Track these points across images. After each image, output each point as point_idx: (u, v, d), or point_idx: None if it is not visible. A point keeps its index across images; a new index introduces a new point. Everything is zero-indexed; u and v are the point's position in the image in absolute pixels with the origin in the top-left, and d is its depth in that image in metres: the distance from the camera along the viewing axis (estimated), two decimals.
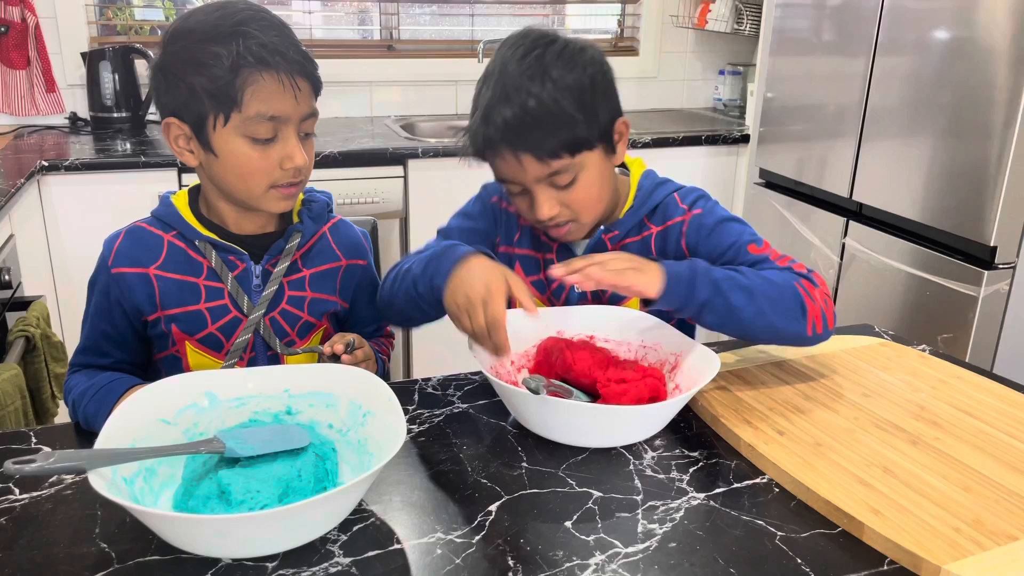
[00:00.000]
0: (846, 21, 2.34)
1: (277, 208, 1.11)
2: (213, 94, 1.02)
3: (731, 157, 2.95)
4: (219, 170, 1.07)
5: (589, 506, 0.86)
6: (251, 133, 1.04)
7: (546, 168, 1.05)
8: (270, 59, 1.02)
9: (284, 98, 1.04)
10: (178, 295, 1.11)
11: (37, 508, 0.83)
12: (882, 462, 0.92)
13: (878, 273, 2.28)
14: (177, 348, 1.13)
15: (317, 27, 3.07)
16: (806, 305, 1.07)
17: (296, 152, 1.06)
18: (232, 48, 1.00)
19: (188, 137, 1.07)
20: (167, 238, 1.12)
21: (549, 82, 1.02)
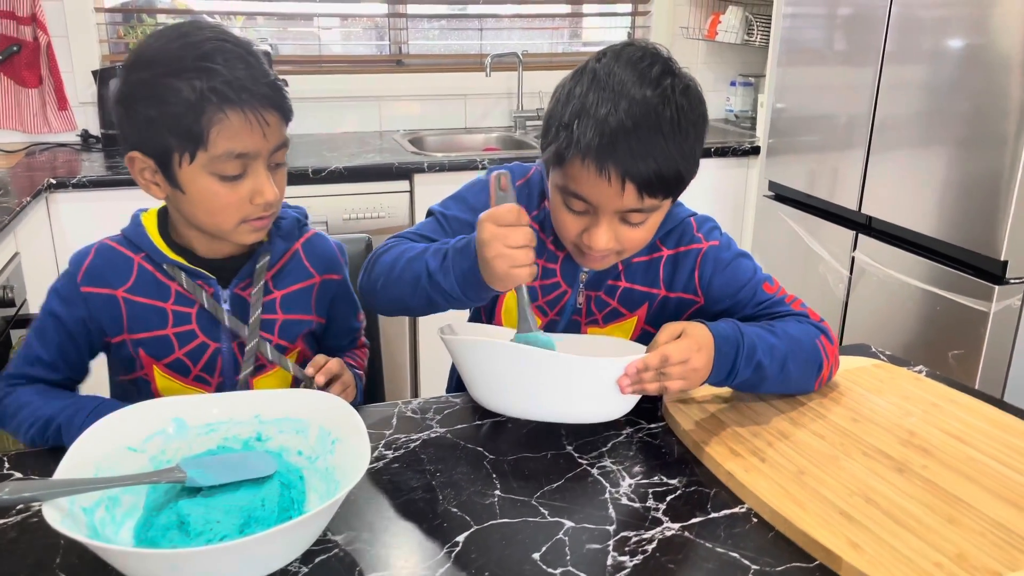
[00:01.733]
0: (854, 30, 2.30)
1: (248, 240, 1.08)
2: (177, 132, 0.98)
3: (741, 169, 2.91)
4: (187, 206, 1.04)
5: (559, 537, 0.84)
6: (219, 171, 1.01)
7: (638, 203, 0.99)
8: (236, 97, 0.98)
9: (252, 135, 1.00)
10: (145, 319, 1.09)
11: (2, 536, 0.83)
12: (865, 491, 0.89)
13: (887, 288, 2.24)
14: (145, 372, 1.12)
15: (327, 42, 3.08)
16: (823, 365, 1.10)
17: (266, 187, 1.03)
18: (196, 85, 0.96)
19: (153, 171, 1.03)
20: (136, 260, 1.10)
21: (678, 128, 0.96)
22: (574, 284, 1.15)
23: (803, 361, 1.07)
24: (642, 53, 0.99)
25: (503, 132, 3.12)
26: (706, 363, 1.00)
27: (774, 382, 1.06)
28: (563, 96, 1.01)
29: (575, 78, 1.01)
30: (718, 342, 1.01)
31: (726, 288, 1.13)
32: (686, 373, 0.98)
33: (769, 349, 1.04)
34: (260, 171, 1.03)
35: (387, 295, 1.08)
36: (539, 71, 3.17)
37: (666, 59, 1.00)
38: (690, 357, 0.98)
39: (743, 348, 1.02)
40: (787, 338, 1.07)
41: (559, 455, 0.99)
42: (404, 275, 1.05)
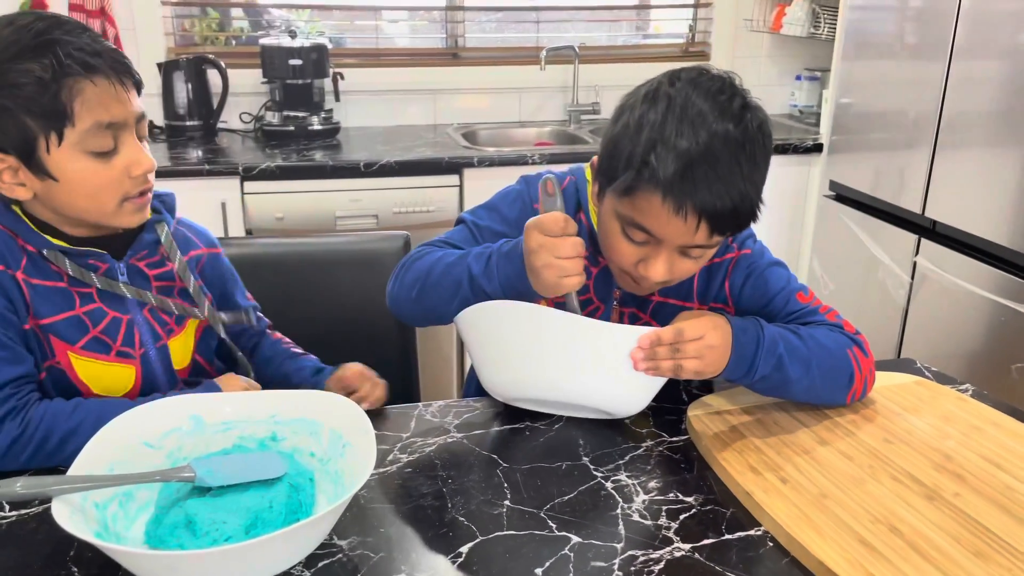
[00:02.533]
0: (922, 23, 2.20)
1: (133, 222, 1.04)
2: (39, 114, 0.93)
3: (802, 167, 2.83)
4: (63, 195, 0.98)
5: (565, 552, 0.82)
6: (91, 147, 0.96)
7: (707, 240, 0.96)
8: (93, 62, 0.94)
9: (116, 102, 0.96)
10: (51, 302, 1.02)
11: (22, 527, 0.85)
12: (890, 519, 0.85)
13: (950, 296, 2.14)
14: (58, 360, 1.04)
15: (385, 36, 3.10)
16: (854, 377, 1.06)
17: (141, 156, 1.00)
18: (47, 60, 0.92)
19: (14, 169, 0.96)
20: (19, 242, 1.01)
21: (755, 166, 0.94)
22: (607, 300, 1.13)
23: (829, 368, 1.03)
24: (720, 84, 0.95)
25: (557, 126, 3.09)
26: (723, 342, 0.97)
27: (799, 386, 1.02)
28: (634, 122, 0.95)
29: (647, 102, 0.95)
30: (736, 332, 0.98)
31: (757, 297, 1.10)
32: (701, 350, 0.95)
33: (792, 349, 1.01)
34: (132, 141, 1.00)
35: (422, 302, 1.06)
36: (595, 64, 3.13)
37: (742, 91, 0.97)
38: (705, 334, 0.96)
39: (763, 341, 0.99)
40: (813, 342, 1.03)
41: (574, 466, 0.97)
42: (443, 280, 1.02)
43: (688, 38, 3.30)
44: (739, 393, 1.11)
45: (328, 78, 2.80)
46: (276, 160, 2.44)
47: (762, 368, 0.99)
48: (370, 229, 2.47)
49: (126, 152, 0.99)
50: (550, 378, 0.99)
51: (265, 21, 3.05)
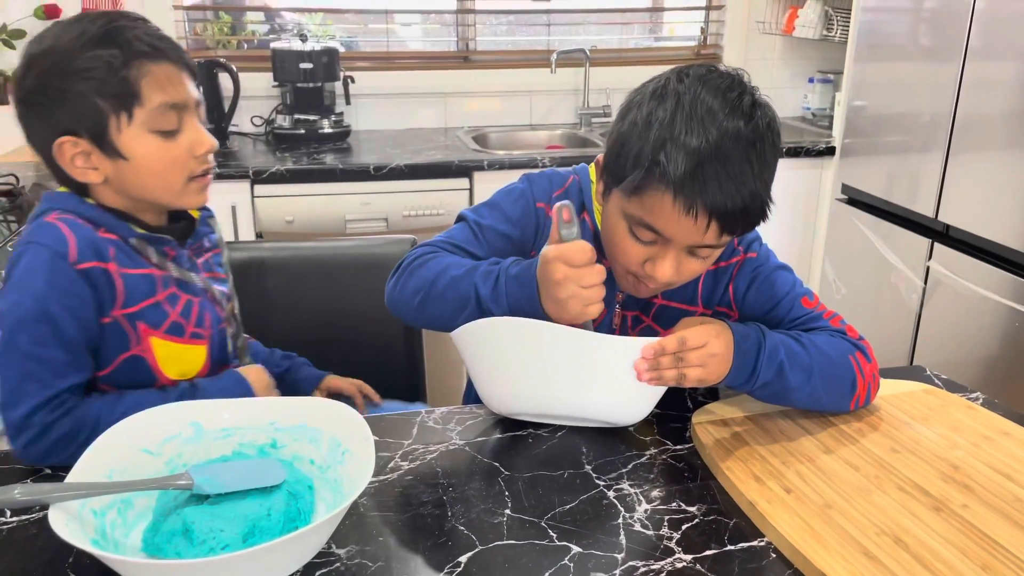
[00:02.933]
0: (936, 25, 2.18)
1: (197, 201, 1.10)
2: (110, 94, 0.99)
3: (815, 171, 2.81)
4: (133, 175, 1.03)
5: (564, 563, 0.82)
6: (158, 126, 1.02)
7: (716, 240, 0.95)
8: (159, 45, 1.01)
9: (179, 84, 1.03)
10: (138, 290, 1.05)
11: (23, 533, 0.85)
12: (895, 531, 0.84)
13: (964, 301, 2.12)
14: (141, 347, 1.07)
15: (396, 39, 3.10)
16: (856, 383, 1.04)
17: (204, 136, 1.06)
18: (115, 46, 0.98)
19: (87, 153, 1.02)
20: (101, 234, 1.04)
21: (766, 164, 0.93)
22: (610, 303, 1.12)
23: (831, 375, 1.02)
24: (730, 82, 0.94)
25: (568, 129, 3.08)
26: (725, 350, 0.96)
27: (801, 393, 1.01)
28: (641, 119, 0.94)
29: (655, 99, 0.94)
30: (738, 339, 0.97)
31: (761, 302, 1.09)
32: (704, 358, 0.94)
33: (793, 356, 1.00)
34: (194, 123, 1.06)
35: (426, 312, 1.05)
36: (606, 67, 3.12)
37: (751, 88, 0.96)
38: (708, 341, 0.95)
39: (765, 347, 0.98)
40: (814, 349, 1.02)
41: (576, 475, 0.96)
42: (448, 294, 1.01)
43: (700, 40, 3.29)
44: (744, 401, 1.09)
45: (339, 81, 2.80)
46: (287, 163, 2.44)
47: (764, 375, 0.98)
48: (380, 232, 2.47)
49: (189, 132, 1.05)
50: (552, 393, 0.98)
51: (277, 24, 3.06)
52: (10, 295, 0.99)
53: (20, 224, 1.82)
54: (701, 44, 3.29)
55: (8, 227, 1.82)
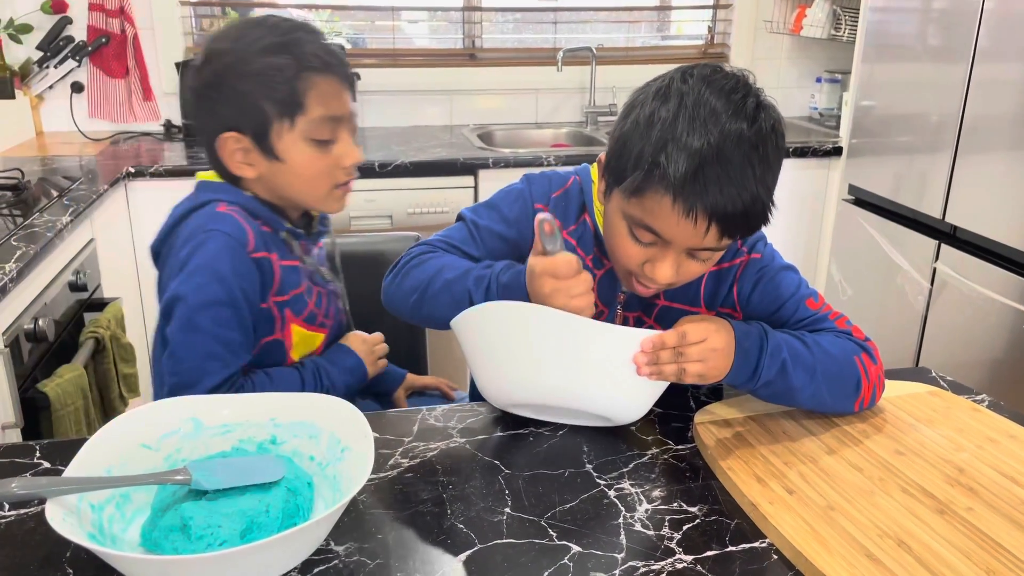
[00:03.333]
0: (944, 25, 2.17)
1: (337, 208, 1.17)
2: (278, 100, 1.07)
3: (821, 171, 2.79)
4: (284, 176, 1.11)
5: (564, 562, 0.81)
6: (314, 135, 1.09)
7: (716, 243, 0.94)
8: (325, 64, 1.08)
9: (341, 99, 1.11)
10: (289, 280, 1.15)
11: (20, 527, 0.85)
12: (899, 533, 0.83)
13: (971, 303, 2.10)
14: (283, 332, 1.17)
15: (402, 36, 3.10)
16: (861, 384, 1.03)
17: (352, 149, 1.13)
18: (290, 56, 1.06)
19: (247, 150, 1.10)
20: (259, 225, 1.13)
21: (768, 167, 0.92)
22: (612, 304, 1.12)
23: (835, 375, 1.01)
24: (734, 83, 0.93)
25: (573, 128, 3.08)
26: (726, 345, 0.95)
27: (804, 393, 1.00)
28: (644, 119, 0.93)
29: (659, 99, 0.93)
30: (739, 336, 0.97)
31: (766, 303, 1.08)
32: (705, 353, 0.93)
33: (796, 355, 0.99)
34: (345, 136, 1.13)
35: (422, 312, 1.07)
36: (613, 65, 3.11)
37: (756, 90, 0.94)
38: (709, 336, 0.94)
39: (767, 345, 0.97)
40: (818, 349, 1.01)
41: (577, 474, 0.96)
42: (442, 296, 1.03)
43: (707, 39, 3.28)
44: (747, 401, 1.09)
45: None
46: None
47: (766, 373, 0.97)
48: (384, 229, 2.47)
49: (341, 144, 1.13)
50: (548, 382, 0.97)
51: None
52: (195, 278, 1.06)
53: (25, 218, 1.82)
54: (708, 43, 3.27)
55: (13, 221, 1.82)
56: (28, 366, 1.62)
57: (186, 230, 1.10)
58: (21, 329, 1.59)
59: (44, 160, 2.43)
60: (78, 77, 2.75)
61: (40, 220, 1.82)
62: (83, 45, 2.68)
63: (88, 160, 2.44)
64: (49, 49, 2.65)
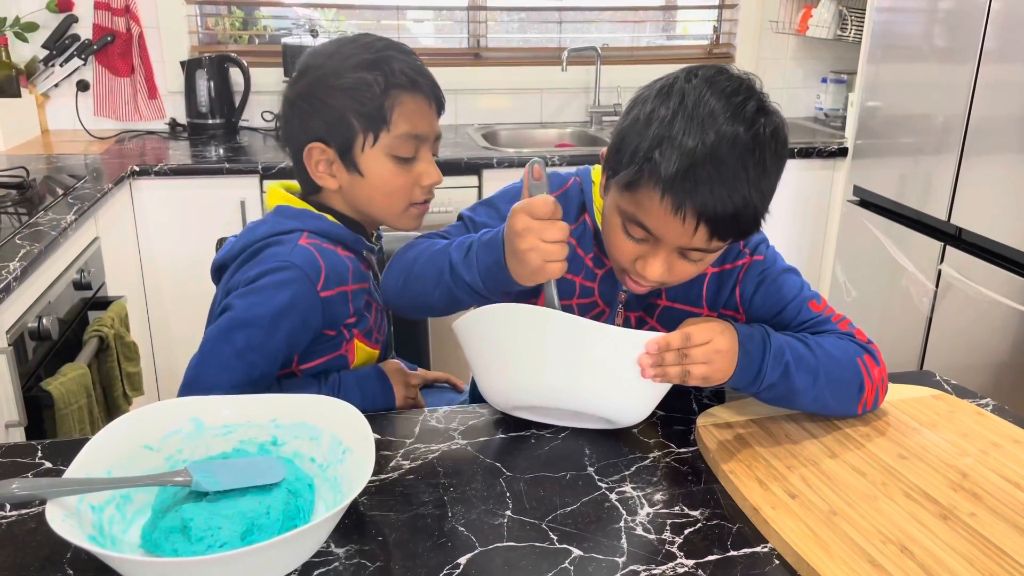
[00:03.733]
0: (951, 26, 2.16)
1: (411, 225, 1.18)
2: (364, 115, 1.09)
3: (826, 172, 2.79)
4: (364, 190, 1.13)
5: (564, 566, 0.81)
6: (396, 152, 1.11)
7: (706, 244, 0.94)
8: (414, 83, 1.10)
9: (426, 118, 1.12)
10: (358, 300, 1.15)
11: (21, 527, 0.85)
12: (902, 539, 0.83)
13: (976, 305, 2.09)
14: (347, 348, 1.17)
15: (407, 36, 3.09)
16: (864, 386, 1.03)
17: (433, 169, 1.15)
18: (380, 73, 1.08)
19: (331, 161, 1.13)
20: (341, 252, 1.13)
21: (763, 172, 0.91)
22: (612, 304, 1.11)
23: (838, 378, 1.01)
24: (737, 85, 0.92)
25: (578, 127, 3.07)
26: (730, 347, 0.95)
27: (807, 396, 1.00)
28: (643, 115, 0.93)
29: (660, 97, 0.93)
30: (742, 339, 0.96)
31: (768, 305, 1.08)
32: (709, 354, 0.93)
33: (799, 357, 0.99)
34: (427, 155, 1.14)
35: (408, 292, 1.06)
36: (618, 65, 3.10)
37: (760, 94, 0.94)
38: (713, 338, 0.94)
39: (770, 347, 0.97)
40: (821, 351, 1.00)
41: (579, 476, 0.96)
42: (427, 270, 1.02)
43: (712, 39, 3.27)
44: (750, 404, 1.08)
45: None
46: None
47: (769, 375, 0.97)
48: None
49: (422, 163, 1.14)
50: (551, 383, 0.97)
51: (290, 20, 3.05)
52: (252, 296, 1.07)
53: (30, 216, 1.83)
54: (713, 43, 3.27)
55: (18, 219, 1.83)
56: (32, 364, 1.63)
57: (267, 253, 1.09)
58: (25, 327, 1.60)
59: (49, 158, 2.43)
60: (84, 75, 2.76)
61: (45, 218, 1.82)
62: (89, 43, 2.69)
63: (93, 158, 2.44)
64: (55, 47, 2.66)
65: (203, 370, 1.06)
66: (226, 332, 1.06)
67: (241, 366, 1.06)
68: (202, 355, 1.07)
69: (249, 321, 1.05)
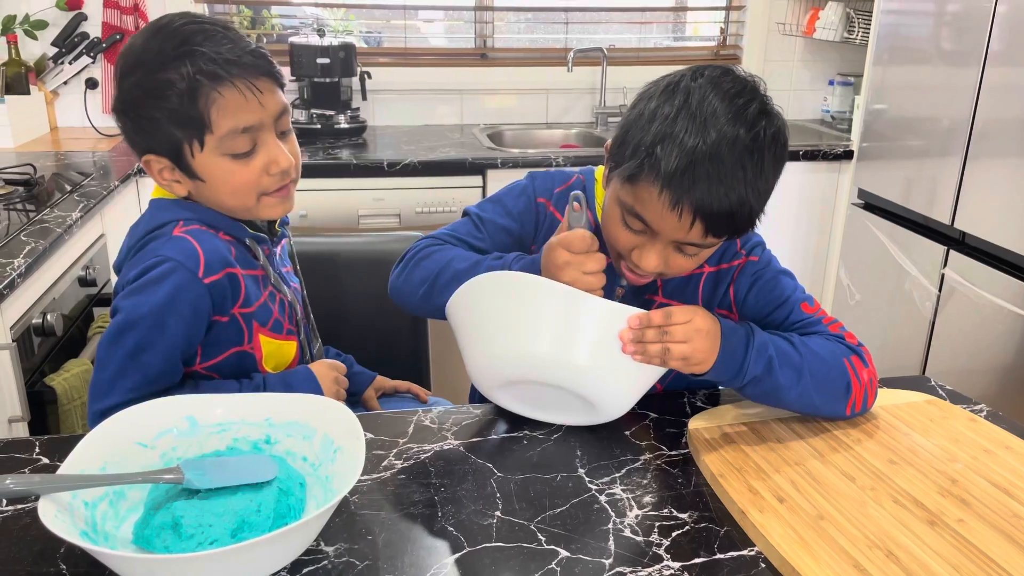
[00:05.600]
0: (957, 28, 2.15)
1: (277, 213, 1.11)
2: (179, 122, 1.01)
3: (831, 175, 2.78)
4: (210, 193, 1.07)
5: (551, 567, 0.81)
6: (229, 151, 1.03)
7: (701, 239, 0.96)
8: (225, 72, 0.99)
9: (250, 107, 1.02)
10: (251, 290, 1.10)
11: (16, 522, 0.86)
12: (888, 544, 0.83)
13: (979, 310, 2.09)
14: (251, 344, 1.12)
15: (414, 36, 3.10)
16: (851, 387, 1.03)
17: (279, 155, 1.06)
18: (183, 71, 0.98)
19: (171, 169, 1.06)
20: (223, 237, 1.09)
21: (761, 173, 0.93)
22: (610, 298, 1.12)
23: (824, 376, 1.01)
24: (741, 87, 0.94)
25: (583, 128, 3.08)
26: (710, 328, 0.96)
27: (793, 393, 1.00)
28: (648, 111, 0.95)
29: (665, 94, 0.95)
30: (726, 331, 0.98)
31: (761, 305, 1.09)
32: (689, 332, 0.94)
33: (783, 354, 1.00)
34: (270, 141, 1.06)
35: (430, 302, 1.07)
36: (624, 66, 3.10)
37: (763, 97, 0.96)
38: (693, 318, 0.95)
39: (753, 341, 0.98)
40: (805, 349, 1.01)
41: (569, 478, 0.96)
42: (452, 286, 1.02)
43: (719, 41, 3.27)
44: (741, 408, 1.09)
45: (356, 77, 2.81)
46: (301, 157, 2.45)
47: (752, 369, 0.98)
48: (392, 228, 2.48)
49: (264, 152, 1.06)
50: (537, 352, 0.96)
51: (299, 20, 3.07)
52: (134, 296, 1.03)
53: (37, 213, 1.85)
54: (720, 44, 3.26)
55: (25, 215, 1.84)
56: (36, 360, 1.64)
57: (144, 251, 1.06)
58: (30, 323, 1.61)
59: (57, 155, 2.45)
60: (92, 73, 2.78)
61: (51, 215, 1.84)
62: (97, 42, 2.71)
63: (101, 156, 2.46)
64: (64, 45, 2.68)
65: (100, 375, 1.03)
66: (115, 336, 1.02)
67: (135, 367, 1.02)
68: (97, 362, 1.04)
69: (135, 322, 1.02)
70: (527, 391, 1.03)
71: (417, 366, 1.62)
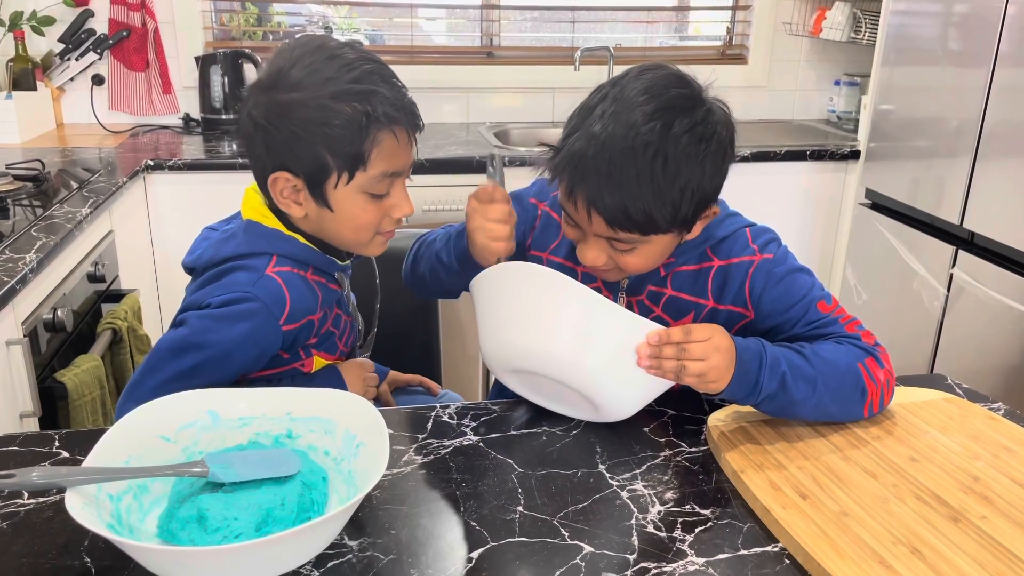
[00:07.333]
0: (966, 29, 2.15)
1: (378, 251, 1.13)
2: (338, 153, 1.00)
3: (838, 175, 2.78)
4: (332, 223, 1.06)
5: (576, 562, 0.81)
6: (370, 190, 1.04)
7: (611, 233, 0.97)
8: (400, 118, 1.02)
9: (404, 153, 1.05)
10: (323, 328, 1.13)
11: (38, 515, 0.86)
12: (912, 540, 0.83)
13: (988, 310, 2.09)
14: (303, 363, 1.14)
15: (420, 33, 3.10)
16: (867, 391, 1.03)
17: (405, 202, 1.08)
18: (360, 108, 0.98)
19: (298, 190, 1.04)
20: (310, 278, 1.10)
21: (661, 171, 0.92)
22: (615, 289, 1.13)
23: (838, 385, 1.00)
24: (674, 80, 0.96)
25: None
26: (728, 347, 0.95)
27: (807, 405, 1.00)
28: (585, 104, 0.99)
29: (610, 83, 0.98)
30: (739, 350, 0.97)
31: (777, 304, 1.07)
32: (708, 351, 0.94)
33: (795, 368, 0.99)
34: (401, 187, 1.08)
35: (442, 285, 1.20)
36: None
37: (699, 98, 0.95)
38: (713, 336, 0.95)
39: (766, 358, 0.98)
40: (818, 359, 1.00)
41: (590, 474, 0.96)
42: (438, 267, 1.16)
43: (725, 40, 3.27)
44: None
45: None
46: None
47: (767, 385, 0.97)
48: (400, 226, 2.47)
49: (394, 196, 1.07)
50: (554, 349, 0.96)
51: (304, 17, 3.07)
52: (210, 321, 1.02)
53: (45, 209, 1.84)
54: (726, 44, 3.26)
55: (33, 212, 1.84)
56: (46, 356, 1.64)
57: (232, 278, 1.05)
58: (40, 319, 1.61)
59: (64, 152, 2.45)
60: (99, 70, 2.77)
61: (60, 211, 1.83)
62: (104, 38, 2.70)
63: (108, 152, 2.46)
64: (71, 42, 2.68)
65: (145, 379, 1.03)
66: (177, 351, 1.02)
67: (184, 384, 1.00)
68: (147, 364, 1.04)
69: (201, 346, 1.02)
70: (534, 380, 1.04)
71: (428, 361, 1.62)
